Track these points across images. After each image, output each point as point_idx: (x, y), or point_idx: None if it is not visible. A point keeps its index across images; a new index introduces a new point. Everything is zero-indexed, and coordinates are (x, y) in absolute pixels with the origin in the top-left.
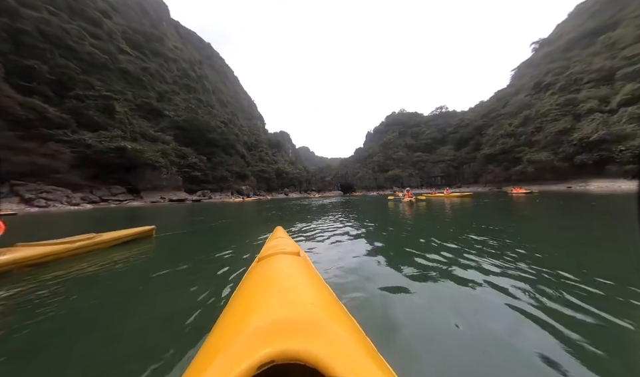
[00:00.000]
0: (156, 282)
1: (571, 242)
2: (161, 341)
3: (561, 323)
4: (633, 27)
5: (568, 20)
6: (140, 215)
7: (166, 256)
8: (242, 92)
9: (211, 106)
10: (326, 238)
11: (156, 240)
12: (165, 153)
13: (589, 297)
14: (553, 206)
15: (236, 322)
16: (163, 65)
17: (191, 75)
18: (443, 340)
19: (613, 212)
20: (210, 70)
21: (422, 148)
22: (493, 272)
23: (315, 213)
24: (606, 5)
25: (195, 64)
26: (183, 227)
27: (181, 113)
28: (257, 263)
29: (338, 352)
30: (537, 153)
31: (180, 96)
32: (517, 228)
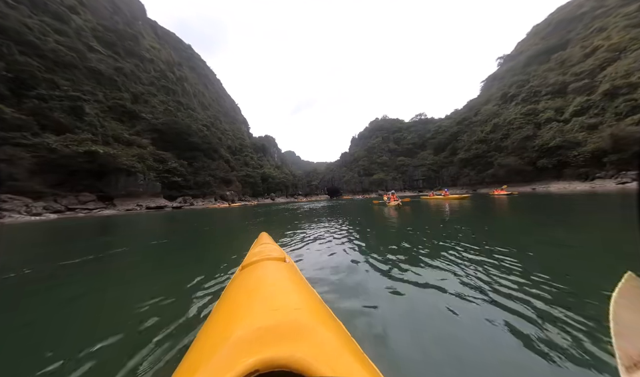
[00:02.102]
0: (130, 295)
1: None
2: (139, 356)
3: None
4: (579, 47)
5: (526, 39)
6: (111, 225)
7: (141, 268)
8: (225, 96)
9: (192, 109)
10: (313, 243)
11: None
12: (142, 158)
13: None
14: (541, 205)
15: (218, 332)
16: (139, 66)
17: (169, 77)
18: (427, 340)
19: (592, 210)
20: (191, 73)
21: (404, 153)
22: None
23: (301, 218)
24: (556, 27)
25: (174, 65)
26: (161, 236)
27: (159, 116)
28: (240, 271)
29: (323, 355)
30: (506, 158)
31: (158, 98)
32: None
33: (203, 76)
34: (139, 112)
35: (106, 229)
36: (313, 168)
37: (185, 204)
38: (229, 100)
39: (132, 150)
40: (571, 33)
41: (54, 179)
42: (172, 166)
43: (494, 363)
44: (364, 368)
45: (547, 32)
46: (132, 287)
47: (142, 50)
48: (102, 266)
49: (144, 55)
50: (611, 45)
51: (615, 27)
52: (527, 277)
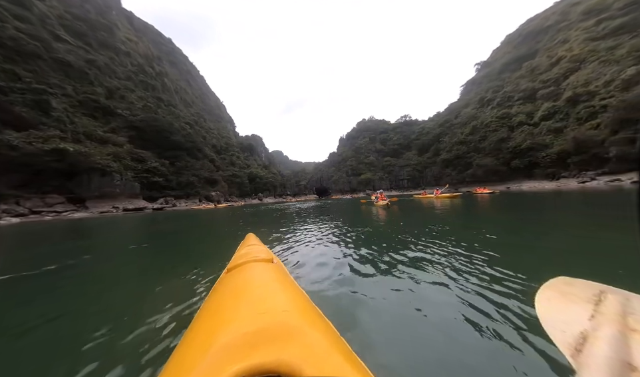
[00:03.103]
0: (104, 303)
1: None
2: (117, 368)
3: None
4: (546, 57)
5: (501, 47)
6: (82, 228)
7: (116, 275)
8: (209, 93)
9: (174, 106)
10: (302, 243)
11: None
12: (118, 156)
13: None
14: (521, 203)
15: (201, 339)
16: (114, 59)
17: (148, 71)
18: (413, 338)
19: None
20: (171, 68)
21: (390, 153)
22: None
23: (290, 218)
24: (526, 37)
25: (154, 59)
26: (139, 239)
27: (137, 112)
28: (225, 274)
29: (311, 356)
30: (484, 158)
31: (136, 93)
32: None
33: (185, 72)
34: (114, 108)
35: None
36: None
37: (167, 205)
38: (213, 98)
39: (106, 148)
40: (539, 43)
41: (16, 180)
42: (152, 165)
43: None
44: (353, 367)
45: (518, 42)
46: (106, 295)
47: (117, 42)
48: (70, 273)
49: (120, 48)
50: (573, 56)
51: (576, 40)
52: (514, 277)
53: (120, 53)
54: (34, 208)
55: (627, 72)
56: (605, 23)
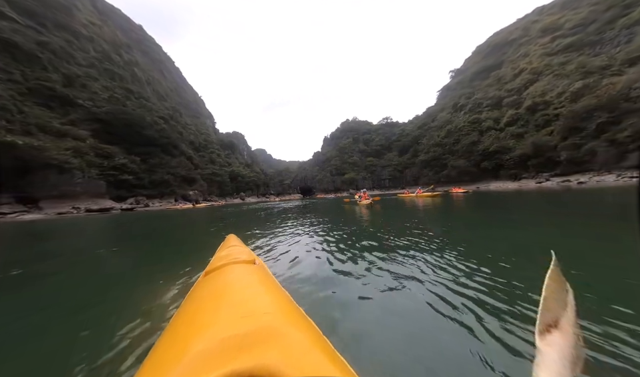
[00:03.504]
0: (67, 315)
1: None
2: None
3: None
4: (510, 68)
5: (472, 57)
6: (36, 232)
7: (81, 281)
8: (186, 86)
9: (146, 99)
10: (285, 243)
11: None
12: (79, 152)
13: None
14: (492, 202)
15: (175, 347)
16: (73, 43)
17: (115, 59)
18: (394, 336)
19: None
20: (143, 57)
21: (372, 154)
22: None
23: (273, 218)
24: (493, 49)
25: (122, 47)
26: (106, 243)
27: (102, 104)
28: (203, 277)
29: (293, 357)
30: (457, 160)
31: (100, 83)
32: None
33: (158, 62)
34: (74, 98)
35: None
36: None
37: (138, 205)
38: (191, 92)
39: (65, 142)
40: (505, 55)
41: None
42: (121, 162)
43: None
44: (335, 365)
45: (487, 53)
46: (67, 304)
47: (77, 24)
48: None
49: (80, 31)
50: (532, 69)
51: (535, 54)
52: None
53: (80, 37)
54: None
55: (575, 86)
56: (558, 41)
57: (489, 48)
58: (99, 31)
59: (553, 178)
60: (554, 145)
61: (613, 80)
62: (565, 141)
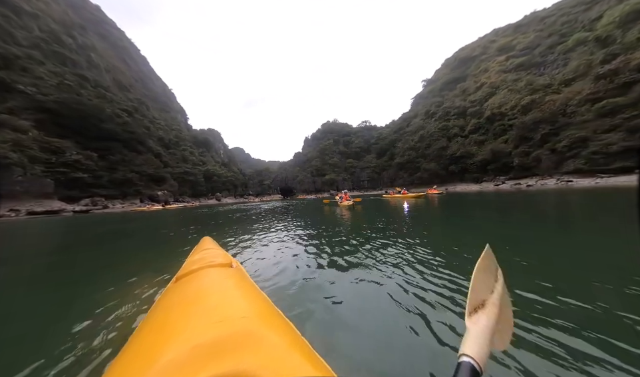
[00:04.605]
0: (18, 326)
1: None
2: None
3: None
4: (473, 81)
5: (441, 68)
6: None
7: (29, 289)
8: (154, 78)
9: (105, 88)
10: (264, 245)
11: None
12: (19, 145)
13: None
14: (463, 202)
15: (141, 357)
16: (11, 19)
17: (66, 41)
18: (373, 336)
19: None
20: (101, 42)
21: (352, 156)
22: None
23: (251, 219)
24: (459, 63)
25: (74, 28)
26: (52, 248)
27: (49, 91)
28: (174, 283)
29: (270, 360)
30: (429, 163)
31: (46, 67)
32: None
33: (120, 48)
34: (13, 83)
35: None
36: (265, 167)
37: (95, 207)
38: (159, 84)
39: (1, 134)
40: (469, 69)
41: None
42: (73, 158)
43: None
44: (313, 366)
45: (454, 66)
46: (17, 314)
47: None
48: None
49: (21, 7)
50: (491, 83)
51: (493, 70)
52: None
53: (21, 13)
54: None
55: (525, 100)
56: (511, 60)
57: (455, 62)
58: (46, 8)
59: (508, 182)
60: (509, 152)
61: (553, 97)
62: (517, 149)
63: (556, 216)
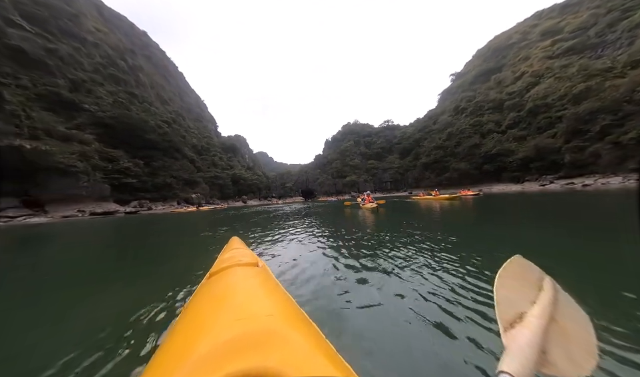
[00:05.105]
0: (75, 316)
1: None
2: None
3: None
4: (511, 72)
5: (472, 60)
6: (34, 237)
7: (88, 282)
8: (189, 91)
9: (149, 103)
10: (288, 246)
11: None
12: (84, 155)
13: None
14: (506, 206)
15: (179, 348)
16: (80, 49)
17: (120, 64)
18: (397, 344)
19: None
20: (147, 63)
21: (374, 156)
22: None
23: (276, 220)
24: (494, 53)
25: (126, 52)
26: (112, 245)
27: (107, 108)
28: (207, 279)
29: (295, 359)
30: (459, 163)
31: (105, 88)
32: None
33: (162, 67)
34: (80, 103)
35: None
36: (287, 169)
37: (141, 208)
38: (193, 96)
39: (70, 146)
40: (505, 59)
41: None
42: (125, 165)
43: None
44: (338, 369)
45: (487, 56)
46: (78, 306)
47: (84, 31)
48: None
49: (87, 38)
50: (533, 72)
51: (535, 57)
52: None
53: (86, 44)
54: None
55: (578, 88)
56: (558, 44)
57: (489, 52)
58: (105, 37)
59: (557, 181)
60: (557, 148)
61: (616, 82)
62: (568, 144)
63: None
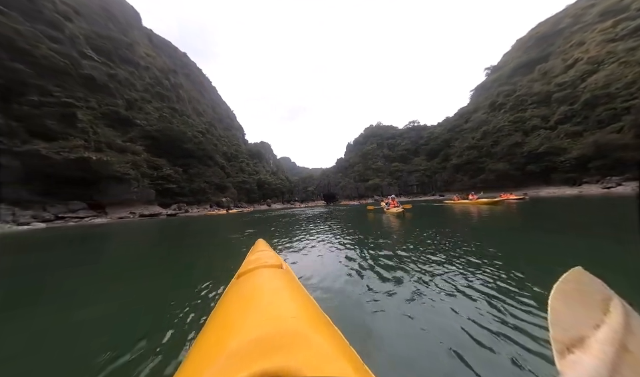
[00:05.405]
0: (122, 307)
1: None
2: (134, 371)
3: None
4: (561, 60)
5: (511, 51)
6: (101, 234)
7: (133, 278)
8: (220, 102)
9: (187, 116)
10: (310, 249)
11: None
12: (135, 164)
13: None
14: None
15: (212, 345)
16: (134, 73)
17: (164, 83)
18: (426, 358)
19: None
20: (185, 80)
21: (398, 159)
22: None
23: (299, 224)
24: (538, 41)
25: (169, 72)
26: (155, 244)
27: (153, 122)
28: (236, 279)
29: (319, 362)
30: (496, 163)
31: (152, 104)
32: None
33: (198, 83)
34: (133, 119)
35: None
36: (309, 174)
37: (180, 211)
38: (224, 107)
39: (125, 156)
40: (552, 46)
41: (43, 187)
42: (167, 172)
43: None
44: (359, 374)
45: (529, 45)
46: (124, 298)
47: (137, 57)
48: (82, 280)
49: (139, 63)
50: (590, 58)
51: (592, 41)
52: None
53: (139, 67)
54: (60, 213)
55: None
56: (623, 24)
57: (532, 41)
58: (153, 61)
59: (626, 183)
60: (624, 144)
61: None
62: (639, 139)
63: None
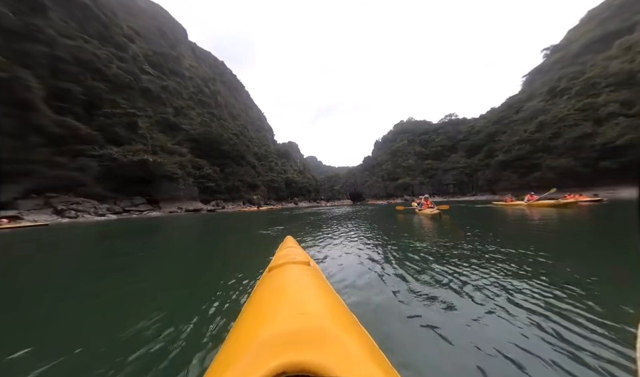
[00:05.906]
0: (164, 295)
1: None
2: (177, 351)
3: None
4: None
5: (579, 26)
6: (158, 226)
7: (179, 268)
8: (253, 106)
9: (224, 120)
10: (337, 248)
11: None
12: (182, 165)
13: None
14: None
15: (247, 333)
16: (180, 83)
17: (205, 91)
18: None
19: None
20: (222, 86)
21: (431, 156)
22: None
23: (325, 222)
24: (619, 10)
25: (209, 81)
26: (202, 236)
27: (196, 127)
28: (267, 273)
29: (347, 363)
30: (557, 159)
31: (195, 110)
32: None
33: (233, 89)
34: (179, 124)
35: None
36: (335, 172)
37: (217, 207)
38: (256, 110)
39: (173, 158)
40: (638, 15)
41: (114, 185)
42: (207, 172)
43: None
44: (386, 375)
45: (604, 17)
46: (167, 286)
47: (183, 69)
48: (129, 272)
49: (184, 73)
50: None
51: None
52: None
53: (184, 78)
54: (126, 207)
55: None
56: None
57: (608, 11)
58: (196, 71)
59: None
60: None
61: None
62: None
63: None
